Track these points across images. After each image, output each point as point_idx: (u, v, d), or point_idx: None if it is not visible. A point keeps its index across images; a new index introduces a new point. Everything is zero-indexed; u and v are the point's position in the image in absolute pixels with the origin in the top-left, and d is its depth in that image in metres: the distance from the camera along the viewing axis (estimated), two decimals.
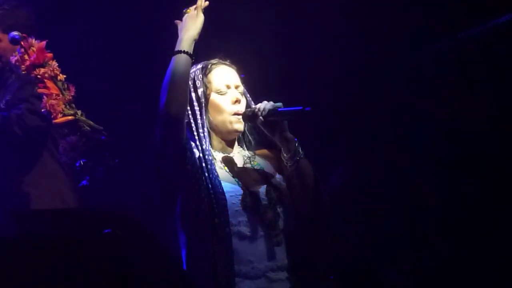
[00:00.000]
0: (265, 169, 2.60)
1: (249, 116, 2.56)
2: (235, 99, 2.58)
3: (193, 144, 2.51)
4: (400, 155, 4.04)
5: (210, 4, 2.55)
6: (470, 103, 3.88)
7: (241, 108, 2.59)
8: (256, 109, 2.54)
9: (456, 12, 3.83)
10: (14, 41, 3.13)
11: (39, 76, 3.05)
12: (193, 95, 2.57)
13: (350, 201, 4.01)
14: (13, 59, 3.13)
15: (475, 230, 3.77)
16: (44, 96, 3.04)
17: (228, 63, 2.67)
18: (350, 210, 3.95)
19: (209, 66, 2.63)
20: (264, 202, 2.50)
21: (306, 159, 2.55)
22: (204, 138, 2.53)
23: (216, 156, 2.58)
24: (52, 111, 3.02)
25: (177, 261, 2.44)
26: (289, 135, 2.54)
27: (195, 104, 2.56)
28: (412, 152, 4.04)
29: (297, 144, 2.54)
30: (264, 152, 2.68)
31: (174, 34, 2.54)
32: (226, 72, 2.63)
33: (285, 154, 2.55)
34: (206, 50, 2.60)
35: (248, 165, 2.61)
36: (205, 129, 2.56)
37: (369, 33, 4.04)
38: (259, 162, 2.64)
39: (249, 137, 2.68)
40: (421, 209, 3.96)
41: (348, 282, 3.78)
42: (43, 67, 3.06)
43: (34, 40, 3.10)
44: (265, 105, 2.53)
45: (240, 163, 2.60)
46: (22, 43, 3.10)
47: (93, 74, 3.85)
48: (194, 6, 2.54)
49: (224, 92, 2.60)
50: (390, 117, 4.09)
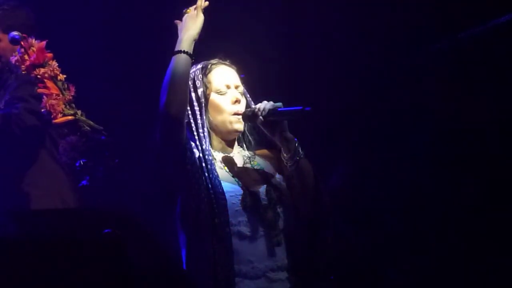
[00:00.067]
0: (265, 169, 2.60)
1: (249, 116, 2.56)
2: (235, 99, 2.58)
3: (193, 144, 2.51)
4: (400, 155, 4.04)
5: (210, 4, 2.55)
6: (470, 103, 3.88)
7: (241, 108, 2.59)
8: (256, 109, 2.54)
9: (456, 12, 3.83)
10: (14, 41, 3.12)
11: (39, 76, 3.05)
12: (193, 95, 2.57)
13: (350, 201, 4.01)
14: (13, 59, 3.12)
15: (475, 230, 3.76)
16: (44, 96, 3.04)
17: (228, 63, 2.67)
18: (350, 210, 3.95)
19: (209, 66, 2.63)
20: (264, 202, 2.50)
21: (306, 159, 2.55)
22: (204, 138, 2.53)
23: (216, 156, 2.58)
24: (52, 111, 3.02)
25: (177, 261, 2.44)
26: (289, 135, 2.54)
27: (195, 104, 2.56)
28: (412, 152, 4.04)
29: (297, 144, 2.54)
30: (264, 152, 2.68)
31: (174, 34, 2.54)
32: (226, 72, 2.64)
33: (285, 154, 2.55)
34: (206, 50, 2.60)
35: (248, 165, 2.61)
36: (205, 129, 2.56)
37: (369, 33, 4.03)
38: (259, 162, 2.64)
39: (249, 137, 2.68)
40: (421, 209, 3.96)
41: (348, 282, 3.78)
42: (43, 67, 3.05)
43: (34, 40, 3.10)
44: (265, 105, 2.53)
45: (240, 163, 2.60)
46: (22, 43, 3.09)
47: (93, 74, 3.85)
48: (194, 6, 2.54)
49: (224, 92, 2.60)
50: (390, 117, 4.09)
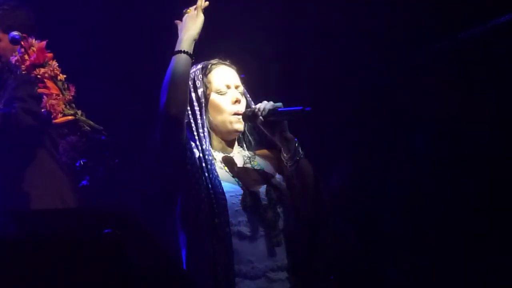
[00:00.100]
0: (265, 169, 2.60)
1: (249, 116, 2.56)
2: (235, 99, 2.58)
3: (193, 144, 2.51)
4: (400, 155, 4.04)
5: (210, 4, 2.55)
6: (470, 103, 3.88)
7: (241, 108, 2.59)
8: (256, 109, 2.54)
9: (456, 12, 3.83)
10: (14, 41, 3.12)
11: (39, 76, 3.04)
12: (193, 95, 2.57)
13: (350, 201, 4.01)
14: (13, 59, 3.12)
15: (475, 230, 3.76)
16: (44, 96, 3.04)
17: (228, 63, 2.67)
18: (350, 210, 3.95)
19: (209, 66, 2.63)
20: (264, 202, 2.49)
21: (306, 159, 2.55)
22: (204, 138, 2.53)
23: (216, 156, 2.58)
24: (52, 111, 3.01)
25: (177, 261, 2.44)
26: (289, 135, 2.54)
27: (195, 104, 2.56)
28: (412, 152, 4.04)
29: (297, 144, 2.54)
30: (264, 152, 2.68)
31: (174, 34, 2.53)
32: (226, 72, 2.63)
33: (285, 154, 2.55)
34: (206, 50, 2.60)
35: (248, 165, 2.60)
36: (205, 129, 2.56)
37: (369, 33, 4.04)
38: (259, 162, 2.63)
39: (249, 137, 2.68)
40: (421, 209, 3.96)
41: (348, 282, 3.78)
42: (43, 67, 3.05)
43: (34, 40, 3.09)
44: (265, 105, 2.52)
45: (240, 163, 2.60)
46: (22, 43, 3.09)
47: (93, 74, 3.85)
48: (194, 6, 2.54)
49: (224, 92, 2.60)
50: (390, 117, 4.09)
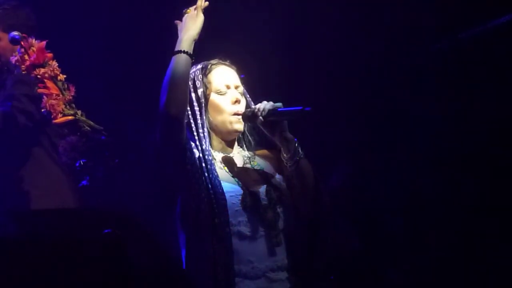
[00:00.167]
0: (265, 169, 2.60)
1: (249, 116, 2.56)
2: (235, 99, 2.58)
3: (193, 144, 2.51)
4: (400, 155, 4.04)
5: (210, 4, 2.55)
6: (470, 103, 3.88)
7: (241, 108, 2.59)
8: (256, 109, 2.54)
9: (456, 12, 3.83)
10: (14, 41, 3.12)
11: (39, 76, 3.04)
12: (193, 95, 2.57)
13: (350, 201, 4.01)
14: (13, 59, 3.12)
15: (475, 230, 3.76)
16: (44, 96, 3.04)
17: (228, 64, 2.67)
18: (350, 210, 3.95)
19: (209, 67, 2.63)
20: (264, 202, 2.49)
21: (306, 159, 2.55)
22: (204, 138, 2.53)
23: (216, 156, 2.58)
24: (52, 111, 3.01)
25: (177, 261, 2.44)
26: (289, 135, 2.54)
27: (195, 104, 2.56)
28: (412, 152, 4.04)
29: (297, 144, 2.54)
30: (264, 152, 2.68)
31: (174, 34, 2.53)
32: (226, 72, 2.63)
33: (285, 154, 2.55)
34: (206, 50, 2.60)
35: (248, 165, 2.60)
36: (205, 129, 2.56)
37: (369, 33, 4.04)
38: (259, 162, 2.63)
39: (249, 138, 2.68)
40: (421, 209, 3.96)
41: (348, 282, 3.78)
42: (43, 67, 3.05)
43: (34, 40, 3.09)
44: (264, 105, 2.52)
45: (240, 163, 2.60)
46: (22, 43, 3.09)
47: (93, 74, 3.85)
48: (194, 7, 2.54)
49: (224, 92, 2.60)
50: (390, 117, 4.09)
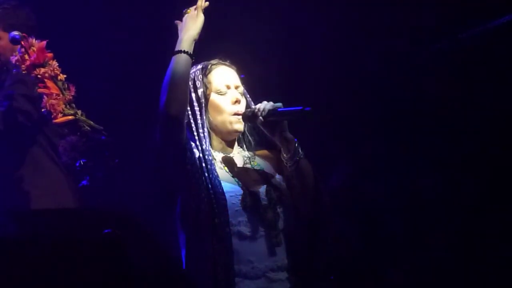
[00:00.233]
0: (265, 170, 2.60)
1: (249, 117, 2.56)
2: (235, 99, 2.58)
3: (193, 144, 2.51)
4: (400, 155, 4.04)
5: (210, 4, 2.55)
6: (470, 103, 3.88)
7: (241, 108, 2.59)
8: (256, 109, 2.54)
9: (456, 12, 3.83)
10: (15, 41, 3.12)
11: (39, 76, 3.04)
12: (193, 95, 2.57)
13: (350, 201, 4.01)
14: (14, 59, 3.12)
15: (475, 230, 3.76)
16: (44, 96, 3.04)
17: (228, 64, 2.67)
18: (350, 210, 3.95)
19: (209, 67, 2.63)
20: (264, 202, 2.49)
21: (306, 159, 2.55)
22: (204, 138, 2.53)
23: (216, 156, 2.58)
24: (52, 111, 3.01)
25: (177, 261, 2.44)
26: (289, 135, 2.54)
27: (195, 104, 2.56)
28: (412, 152, 4.04)
29: (297, 144, 2.54)
30: (264, 152, 2.68)
31: (174, 34, 2.54)
32: (226, 73, 2.64)
33: (285, 155, 2.55)
34: (206, 51, 2.60)
35: (248, 166, 2.60)
36: (205, 129, 2.56)
37: (369, 33, 4.04)
38: (259, 163, 2.63)
39: (249, 138, 2.68)
40: (421, 209, 3.96)
41: (348, 282, 3.78)
42: (44, 67, 3.05)
43: (34, 40, 3.09)
44: (265, 105, 2.52)
45: (240, 163, 2.60)
46: (23, 42, 3.09)
47: (93, 74, 3.85)
48: (194, 7, 2.54)
49: (224, 92, 2.60)
50: (390, 117, 4.09)
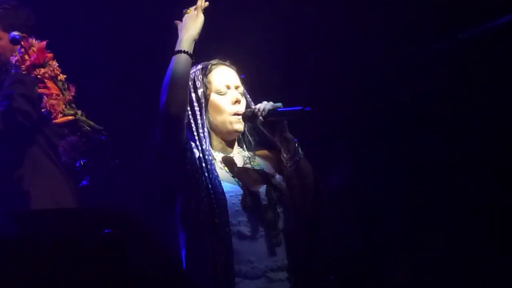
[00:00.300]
0: (265, 170, 2.60)
1: (249, 117, 2.56)
2: (235, 100, 2.58)
3: (193, 144, 2.51)
4: (400, 155, 4.04)
5: (210, 4, 2.55)
6: (470, 103, 3.88)
7: (241, 108, 2.59)
8: (256, 109, 2.54)
9: (456, 12, 3.83)
10: (15, 41, 3.12)
11: (39, 76, 3.04)
12: (193, 95, 2.57)
13: (350, 201, 4.01)
14: (14, 59, 3.12)
15: (475, 230, 3.77)
16: (45, 96, 3.04)
17: (228, 64, 2.67)
18: (350, 210, 3.95)
19: (209, 67, 2.63)
20: (264, 202, 2.50)
21: (306, 159, 2.55)
22: (204, 138, 2.53)
23: (216, 156, 2.58)
24: (52, 111, 3.01)
25: (177, 261, 2.44)
26: (289, 135, 2.54)
27: (195, 104, 2.56)
28: (412, 152, 4.04)
29: (297, 144, 2.54)
30: (264, 152, 2.68)
31: (174, 34, 2.54)
32: (226, 73, 2.64)
33: (285, 155, 2.55)
34: (206, 50, 2.60)
35: (248, 166, 2.61)
36: (205, 129, 2.56)
37: (369, 33, 4.04)
38: (259, 163, 2.63)
39: (249, 138, 2.68)
40: (421, 209, 3.96)
41: (348, 282, 3.78)
42: (44, 67, 3.05)
43: (34, 40, 3.09)
44: (264, 105, 2.53)
45: (240, 164, 2.60)
46: (23, 43, 3.09)
47: (93, 74, 3.85)
48: (194, 7, 2.54)
49: (224, 92, 2.60)
50: (390, 117, 4.09)
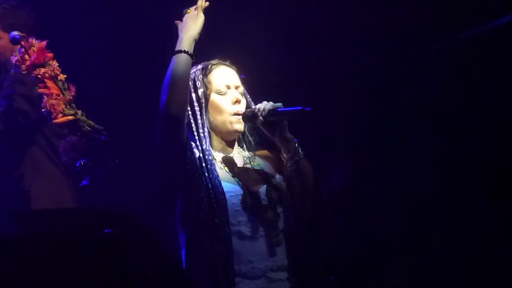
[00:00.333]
0: (265, 170, 2.60)
1: (249, 117, 2.56)
2: (235, 100, 2.58)
3: (193, 144, 2.51)
4: (400, 155, 4.04)
5: (210, 4, 2.55)
6: (470, 103, 3.88)
7: (241, 108, 2.59)
8: (256, 109, 2.54)
9: (456, 12, 3.83)
10: (15, 41, 3.12)
11: (39, 76, 3.04)
12: (193, 95, 2.57)
13: (350, 201, 4.01)
14: (14, 59, 3.12)
15: (475, 230, 3.77)
16: (45, 96, 3.04)
17: (228, 64, 2.67)
18: (350, 210, 3.95)
19: (209, 67, 2.63)
20: (264, 202, 2.49)
21: (306, 159, 2.55)
22: (204, 138, 2.53)
23: (216, 156, 2.58)
24: (52, 111, 3.01)
25: (177, 261, 2.44)
26: (289, 135, 2.54)
27: (195, 104, 2.56)
28: (412, 152, 4.04)
29: (297, 144, 2.54)
30: (264, 152, 2.68)
31: (174, 34, 2.54)
32: (226, 73, 2.64)
33: (285, 155, 2.55)
34: (206, 50, 2.60)
35: (248, 166, 2.60)
36: (205, 129, 2.56)
37: (369, 33, 4.04)
38: (259, 163, 2.63)
39: (249, 138, 2.68)
40: (421, 209, 3.96)
41: (348, 282, 3.78)
42: (44, 67, 3.05)
43: (34, 40, 3.09)
44: (265, 105, 2.52)
45: (240, 163, 2.60)
46: (23, 42, 3.09)
47: (93, 74, 3.85)
48: (195, 7, 2.54)
49: (224, 92, 2.60)
50: (390, 116, 4.09)
